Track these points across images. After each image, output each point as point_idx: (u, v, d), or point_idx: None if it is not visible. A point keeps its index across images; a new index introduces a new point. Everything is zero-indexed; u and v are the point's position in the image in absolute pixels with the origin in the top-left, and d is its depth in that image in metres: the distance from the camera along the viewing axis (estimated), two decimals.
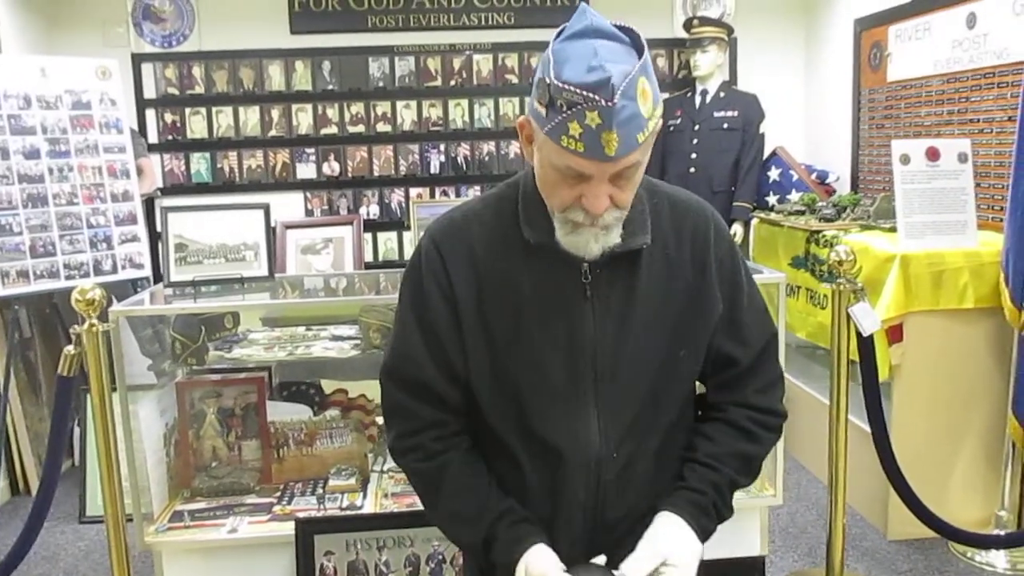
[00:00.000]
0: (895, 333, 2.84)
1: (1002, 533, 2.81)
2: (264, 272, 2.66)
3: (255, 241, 2.65)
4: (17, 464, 3.57)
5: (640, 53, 1.10)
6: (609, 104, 1.04)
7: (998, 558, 2.76)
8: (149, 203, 4.21)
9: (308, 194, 4.60)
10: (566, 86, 1.05)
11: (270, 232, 2.71)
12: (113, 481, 2.25)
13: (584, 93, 1.04)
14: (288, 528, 2.37)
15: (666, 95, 4.32)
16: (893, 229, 2.98)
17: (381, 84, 4.57)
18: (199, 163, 4.54)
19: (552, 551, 1.25)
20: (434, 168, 4.64)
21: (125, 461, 2.35)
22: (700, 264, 1.28)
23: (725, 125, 4.23)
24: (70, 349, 2.18)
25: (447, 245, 1.26)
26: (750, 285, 1.35)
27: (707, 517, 1.29)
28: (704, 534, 1.28)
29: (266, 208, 2.70)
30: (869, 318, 2.37)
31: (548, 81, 1.08)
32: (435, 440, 1.30)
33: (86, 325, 2.16)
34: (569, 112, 1.06)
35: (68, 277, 3.40)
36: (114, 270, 3.54)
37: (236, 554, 2.44)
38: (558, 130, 1.08)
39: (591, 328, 1.23)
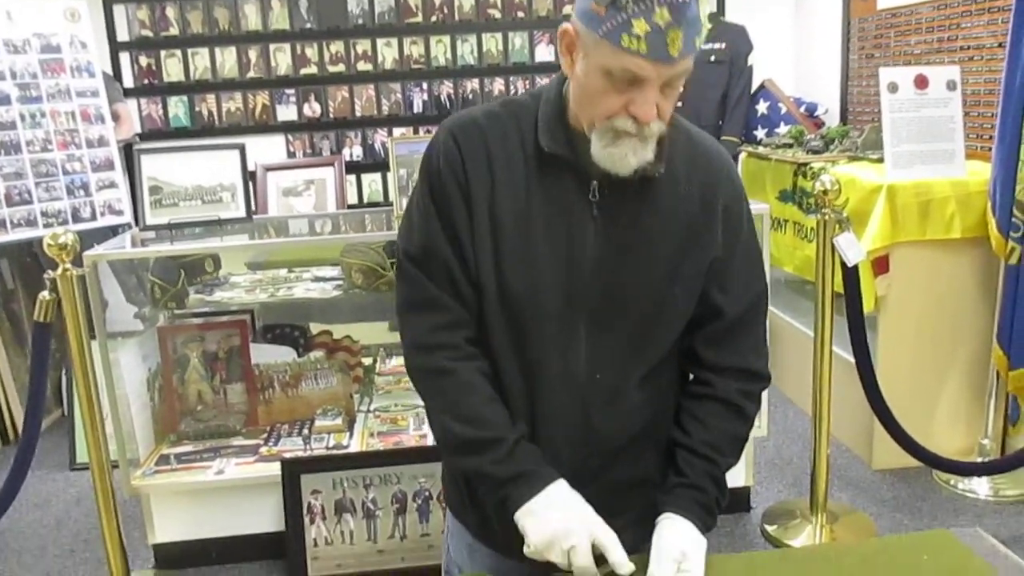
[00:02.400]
0: (881, 264, 2.82)
1: (985, 460, 2.84)
2: (242, 213, 2.61)
3: (232, 182, 2.59)
4: (6, 414, 3.57)
5: None
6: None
7: (980, 485, 2.79)
8: (128, 149, 4.14)
9: (290, 136, 4.53)
10: None
11: (247, 173, 2.65)
12: (96, 427, 2.25)
13: None
14: (275, 469, 2.38)
15: None
16: (881, 160, 2.94)
17: (360, 21, 4.45)
18: (177, 107, 4.46)
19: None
20: (417, 107, 4.56)
21: (108, 407, 2.35)
22: (708, 204, 1.26)
23: (712, 58, 4.15)
24: (45, 295, 2.16)
25: (465, 141, 1.23)
26: (750, 237, 1.33)
27: (711, 515, 1.30)
28: (707, 529, 1.29)
29: (242, 148, 2.65)
30: (853, 249, 2.35)
31: None
32: (467, 341, 1.26)
33: (60, 270, 2.13)
34: (636, 8, 1.04)
35: (46, 225, 3.35)
36: (93, 217, 3.49)
37: (223, 495, 2.46)
38: (620, 29, 1.05)
39: (591, 247, 1.21)
